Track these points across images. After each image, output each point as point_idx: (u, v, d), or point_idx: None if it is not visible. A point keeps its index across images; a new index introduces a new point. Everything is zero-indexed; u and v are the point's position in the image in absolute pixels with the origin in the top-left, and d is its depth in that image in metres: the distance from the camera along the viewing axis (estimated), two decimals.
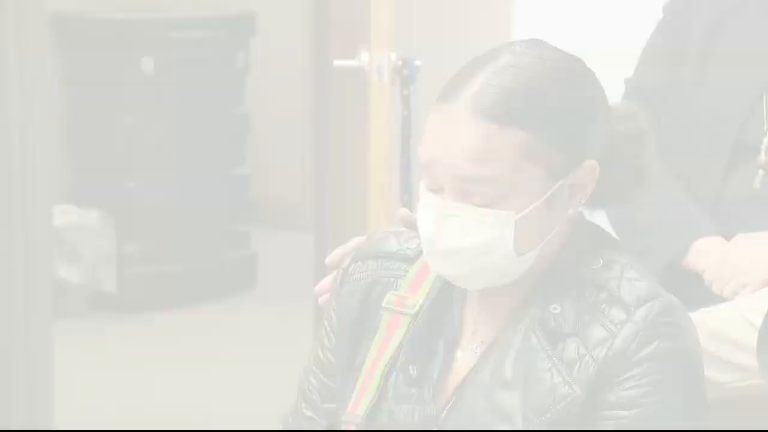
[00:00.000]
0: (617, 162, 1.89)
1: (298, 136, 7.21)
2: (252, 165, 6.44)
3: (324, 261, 2.19)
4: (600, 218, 2.78)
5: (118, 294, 5.82)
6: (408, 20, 3.83)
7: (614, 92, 2.78)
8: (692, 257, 2.73)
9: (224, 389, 4.93)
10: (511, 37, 3.54)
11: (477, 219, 1.82)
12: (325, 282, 2.11)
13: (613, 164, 1.88)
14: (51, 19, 5.72)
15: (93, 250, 5.74)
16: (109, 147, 5.89)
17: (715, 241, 2.71)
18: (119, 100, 5.85)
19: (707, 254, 2.69)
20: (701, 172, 2.66)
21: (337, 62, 3.62)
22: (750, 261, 2.61)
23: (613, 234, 2.82)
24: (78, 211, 5.78)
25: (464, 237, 1.83)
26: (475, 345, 1.91)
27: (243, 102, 6.26)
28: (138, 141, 5.88)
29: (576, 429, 1.81)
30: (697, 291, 2.65)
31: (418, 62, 3.42)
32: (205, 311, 5.87)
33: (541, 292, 1.87)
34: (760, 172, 2.62)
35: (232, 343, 5.47)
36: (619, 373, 1.80)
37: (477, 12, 4.17)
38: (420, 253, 1.95)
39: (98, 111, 5.89)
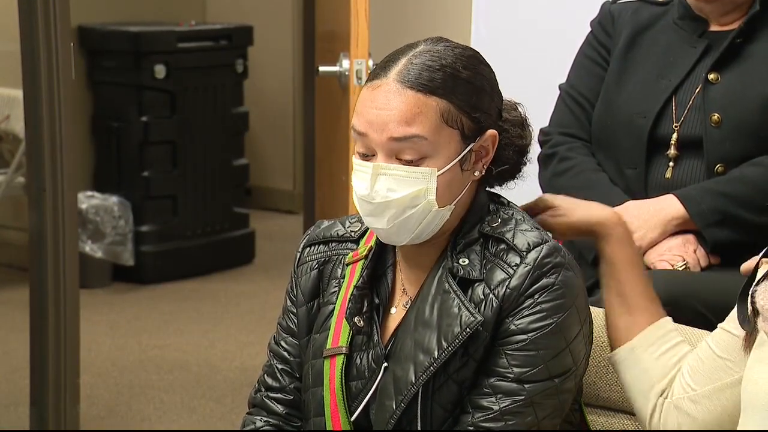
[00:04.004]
0: (507, 142, 1.97)
1: (289, 132, 7.22)
2: (250, 157, 6.45)
3: None
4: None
5: (135, 267, 5.82)
6: (382, 32, 3.85)
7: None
8: None
9: (225, 346, 4.94)
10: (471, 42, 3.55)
11: (405, 175, 1.88)
12: None
13: (503, 144, 1.96)
14: (77, 30, 5.74)
15: (113, 230, 5.74)
16: (127, 141, 5.88)
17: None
18: (135, 100, 5.85)
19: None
20: (624, 164, 2.64)
21: (322, 68, 3.63)
22: (638, 222, 2.54)
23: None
24: (100, 196, 5.78)
25: (395, 191, 1.88)
26: (405, 301, 1.99)
27: (242, 103, 6.26)
28: (152, 136, 5.88)
29: (484, 357, 1.88)
30: None
31: None
32: (210, 281, 5.89)
33: (451, 249, 1.94)
34: (671, 164, 2.63)
35: (233, 308, 5.48)
36: (516, 305, 1.88)
37: (443, 23, 4.20)
38: (363, 234, 2.03)
39: (117, 110, 5.89)
